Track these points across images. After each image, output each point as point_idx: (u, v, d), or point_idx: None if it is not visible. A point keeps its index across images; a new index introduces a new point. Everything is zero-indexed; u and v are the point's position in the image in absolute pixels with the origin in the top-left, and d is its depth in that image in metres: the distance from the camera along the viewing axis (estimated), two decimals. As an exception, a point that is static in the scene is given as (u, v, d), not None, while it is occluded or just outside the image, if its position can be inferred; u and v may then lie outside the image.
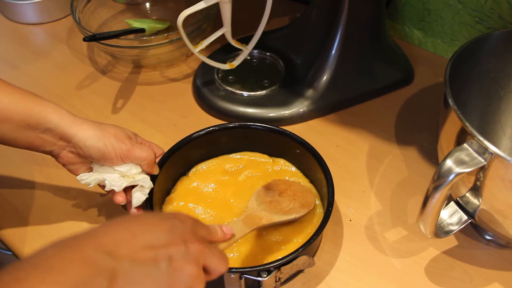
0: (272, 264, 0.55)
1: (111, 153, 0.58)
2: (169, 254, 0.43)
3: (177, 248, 0.43)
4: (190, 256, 0.44)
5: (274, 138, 0.69)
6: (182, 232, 0.45)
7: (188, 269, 0.43)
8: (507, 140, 0.70)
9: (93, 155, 0.58)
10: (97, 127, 0.59)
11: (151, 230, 0.44)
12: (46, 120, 0.56)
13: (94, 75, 0.88)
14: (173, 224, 0.45)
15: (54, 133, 0.57)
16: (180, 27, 0.70)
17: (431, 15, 0.86)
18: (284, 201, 0.63)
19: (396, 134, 0.77)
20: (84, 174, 0.60)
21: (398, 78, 0.84)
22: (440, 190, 0.50)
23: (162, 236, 0.44)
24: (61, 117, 0.57)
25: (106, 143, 0.58)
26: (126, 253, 0.41)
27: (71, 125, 0.57)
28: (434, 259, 0.62)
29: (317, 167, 0.65)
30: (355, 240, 0.64)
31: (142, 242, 0.42)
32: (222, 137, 0.69)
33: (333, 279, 0.61)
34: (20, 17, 0.99)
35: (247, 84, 0.81)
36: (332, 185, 0.62)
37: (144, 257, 0.41)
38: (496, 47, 0.64)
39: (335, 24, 0.76)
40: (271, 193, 0.64)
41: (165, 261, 0.42)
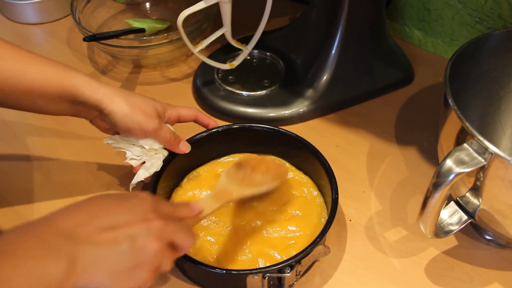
0: (294, 259, 0.55)
1: (136, 130, 0.60)
2: (130, 233, 0.43)
3: (138, 227, 0.43)
4: (152, 233, 0.43)
5: (261, 135, 0.69)
6: (143, 210, 0.45)
7: (151, 246, 0.43)
8: (507, 140, 0.70)
9: (121, 129, 0.61)
10: (127, 101, 0.60)
11: (110, 210, 0.44)
12: (78, 94, 0.58)
13: (94, 75, 0.88)
14: (133, 203, 0.45)
15: (87, 106, 0.59)
16: (180, 27, 0.70)
17: (431, 15, 0.86)
18: (257, 176, 0.63)
19: (396, 134, 0.77)
20: (111, 138, 0.63)
21: (398, 78, 0.84)
22: (440, 190, 0.50)
23: (122, 216, 0.44)
24: (93, 90, 0.58)
25: (134, 120, 0.59)
26: (85, 235, 0.41)
27: (103, 99, 0.58)
28: (434, 259, 0.62)
29: (311, 157, 0.65)
30: (355, 240, 0.64)
31: (101, 223, 0.42)
32: (209, 143, 0.69)
33: (333, 279, 0.61)
34: (20, 17, 0.99)
35: (247, 84, 0.81)
36: (332, 171, 0.62)
37: (104, 238, 0.42)
38: (496, 47, 0.64)
39: (335, 24, 0.76)
40: (243, 169, 0.63)
41: (126, 241, 0.42)
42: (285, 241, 0.61)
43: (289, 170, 0.69)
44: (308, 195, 0.66)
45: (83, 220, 0.42)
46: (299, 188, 0.67)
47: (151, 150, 0.63)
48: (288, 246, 0.61)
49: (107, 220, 0.43)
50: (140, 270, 0.43)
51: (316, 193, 0.66)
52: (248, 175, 0.62)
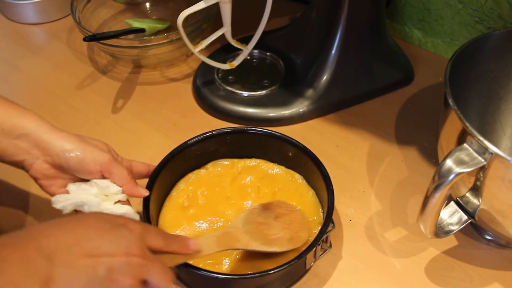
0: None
1: (90, 163, 0.54)
2: (109, 264, 0.42)
3: (118, 259, 0.43)
4: (130, 269, 0.43)
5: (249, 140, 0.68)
6: (127, 243, 0.44)
7: (125, 282, 0.42)
8: (507, 140, 0.70)
9: (71, 164, 0.54)
10: (76, 135, 0.56)
11: (96, 237, 0.43)
12: (23, 126, 0.53)
13: (94, 75, 0.88)
14: (120, 233, 0.44)
15: (29, 139, 0.54)
16: (180, 27, 0.70)
17: (431, 15, 0.86)
18: (276, 227, 0.59)
19: (396, 134, 0.77)
20: (60, 196, 0.55)
21: (398, 78, 0.84)
22: (440, 190, 0.50)
23: (106, 245, 0.43)
24: (39, 124, 0.54)
25: (86, 150, 0.54)
26: (65, 258, 0.41)
27: (49, 132, 0.54)
28: (434, 259, 0.62)
29: (314, 168, 0.64)
30: (355, 240, 0.64)
31: (84, 249, 0.42)
32: (209, 145, 0.67)
33: (333, 279, 0.61)
34: (20, 17, 0.99)
35: (247, 84, 0.81)
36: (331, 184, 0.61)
37: (83, 265, 0.41)
38: (496, 47, 0.64)
39: (335, 24, 0.76)
40: (267, 213, 0.59)
41: (104, 271, 0.42)
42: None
43: (290, 174, 0.67)
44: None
45: (67, 243, 0.42)
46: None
47: (109, 197, 0.56)
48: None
49: (90, 247, 0.42)
50: None
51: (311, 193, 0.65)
52: (268, 222, 0.58)
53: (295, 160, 0.67)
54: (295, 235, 0.59)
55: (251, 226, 0.58)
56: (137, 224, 0.46)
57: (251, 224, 0.58)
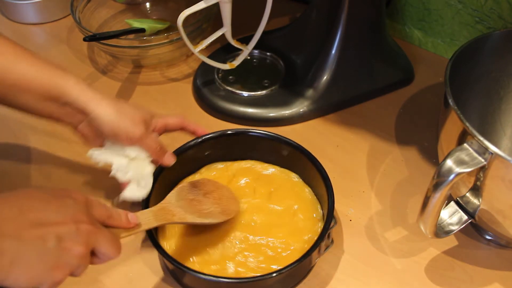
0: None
1: (123, 136, 0.59)
2: (58, 233, 0.42)
3: (67, 227, 0.42)
4: (80, 236, 0.43)
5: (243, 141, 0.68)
6: (74, 211, 0.44)
7: (76, 250, 0.42)
8: (507, 140, 0.70)
9: (107, 134, 0.59)
10: (115, 106, 0.59)
11: (40, 207, 0.43)
12: (66, 94, 0.57)
13: (94, 75, 0.88)
14: (65, 202, 0.44)
15: (73, 107, 0.58)
16: (180, 27, 0.70)
17: (431, 15, 0.86)
18: (206, 203, 0.61)
19: (396, 134, 0.77)
20: (96, 150, 0.61)
21: (398, 78, 0.84)
22: (440, 190, 0.50)
23: (52, 214, 0.43)
24: (81, 92, 0.57)
25: (121, 125, 0.58)
26: (11, 230, 0.40)
27: (90, 101, 0.57)
28: (434, 259, 0.62)
29: (310, 165, 0.64)
30: (355, 240, 0.64)
31: (30, 219, 0.41)
32: (206, 148, 0.67)
33: (333, 279, 0.61)
34: (20, 17, 0.99)
35: (247, 84, 0.81)
36: (330, 185, 0.61)
37: (31, 235, 0.41)
38: (496, 47, 0.64)
39: (335, 24, 0.76)
40: (196, 191, 0.61)
41: (53, 240, 0.41)
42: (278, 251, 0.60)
43: (286, 174, 0.67)
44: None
45: (12, 214, 0.41)
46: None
47: (137, 161, 0.61)
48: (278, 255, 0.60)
49: (36, 217, 0.42)
50: (58, 271, 0.42)
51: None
52: (198, 199, 0.60)
53: (290, 159, 0.67)
54: (225, 208, 0.62)
55: (183, 202, 0.59)
56: (80, 195, 0.46)
57: (183, 200, 0.59)
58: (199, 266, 0.58)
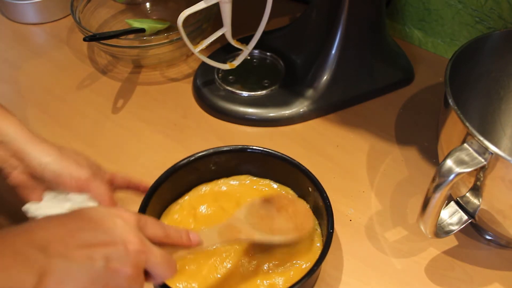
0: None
1: (66, 178, 0.53)
2: (107, 254, 0.41)
3: (115, 248, 0.41)
4: (128, 257, 0.42)
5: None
6: (123, 232, 0.43)
7: (124, 271, 0.41)
8: (507, 140, 0.70)
9: (47, 177, 0.53)
10: (56, 148, 0.54)
11: (89, 228, 0.42)
12: (3, 132, 0.53)
13: (94, 75, 0.88)
14: (115, 223, 0.43)
15: (7, 148, 0.53)
16: (180, 27, 0.70)
17: (431, 15, 0.86)
18: (279, 219, 0.56)
19: (396, 134, 0.77)
20: (32, 204, 0.54)
21: (398, 78, 0.84)
22: (440, 190, 0.50)
23: (101, 235, 0.42)
24: (19, 132, 0.53)
25: (63, 166, 0.53)
26: (60, 250, 0.40)
27: (28, 142, 0.53)
28: (434, 259, 0.62)
29: (307, 181, 0.61)
30: (355, 240, 0.64)
31: (79, 239, 0.41)
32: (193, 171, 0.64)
33: (333, 279, 0.61)
34: (20, 17, 0.99)
35: (247, 84, 0.81)
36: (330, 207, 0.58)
37: (79, 256, 0.40)
38: (496, 47, 0.64)
39: (335, 24, 0.76)
40: (268, 206, 0.57)
41: (101, 261, 0.40)
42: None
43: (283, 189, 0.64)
44: None
45: (61, 234, 0.41)
46: None
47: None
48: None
49: (85, 237, 0.41)
50: None
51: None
52: (271, 215, 0.56)
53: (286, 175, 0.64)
54: (299, 225, 0.57)
55: (253, 218, 0.55)
56: (132, 214, 0.45)
57: (253, 216, 0.55)
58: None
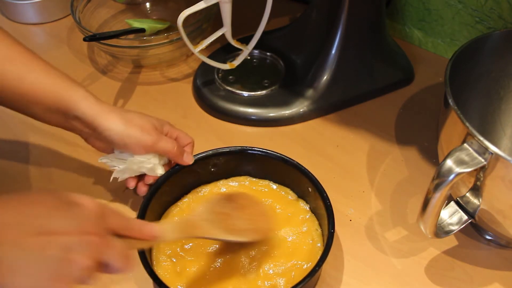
0: None
1: (133, 145, 0.59)
2: (62, 243, 0.39)
3: (72, 238, 0.40)
4: (86, 248, 0.40)
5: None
6: (82, 221, 0.41)
7: (80, 261, 0.40)
8: (507, 140, 0.70)
9: (117, 145, 0.59)
10: (123, 117, 0.59)
11: (46, 214, 0.40)
12: (75, 108, 0.57)
13: (94, 75, 0.88)
14: (74, 211, 0.42)
15: (81, 121, 0.58)
16: (180, 27, 0.70)
17: (431, 15, 0.86)
18: (238, 218, 0.57)
19: (396, 134, 0.77)
20: (105, 157, 0.62)
21: (398, 78, 0.84)
22: (440, 190, 0.50)
23: (58, 222, 0.40)
24: (88, 106, 0.58)
25: (130, 135, 0.58)
26: (12, 237, 0.38)
27: (97, 115, 0.58)
28: (434, 259, 0.62)
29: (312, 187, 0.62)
30: (355, 240, 0.64)
31: (33, 226, 0.39)
32: (213, 162, 0.65)
33: (333, 279, 0.61)
34: (20, 17, 0.99)
35: (247, 84, 0.81)
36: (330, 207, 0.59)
37: (32, 244, 0.38)
38: (496, 47, 0.64)
39: (335, 24, 0.76)
40: (230, 204, 0.57)
41: (55, 250, 0.39)
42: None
43: (284, 190, 0.65)
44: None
45: (15, 220, 0.39)
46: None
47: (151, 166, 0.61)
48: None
49: (41, 224, 0.39)
50: (60, 282, 0.39)
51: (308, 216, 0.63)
52: (232, 213, 0.57)
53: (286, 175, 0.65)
54: (258, 226, 0.58)
55: (212, 215, 0.56)
56: (92, 203, 0.43)
57: (213, 213, 0.56)
58: None
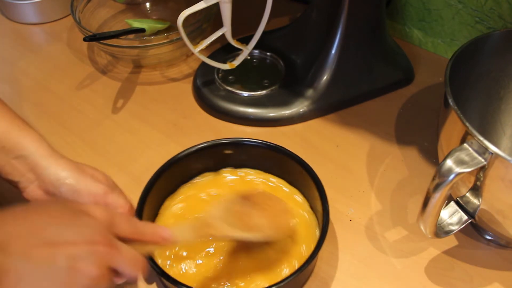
0: None
1: (83, 193, 0.53)
2: (71, 253, 0.39)
3: (80, 249, 0.40)
4: (94, 257, 0.40)
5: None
6: (91, 231, 0.41)
7: (88, 271, 0.40)
8: (507, 140, 0.70)
9: (64, 193, 0.53)
10: (74, 164, 0.54)
11: (54, 224, 0.40)
12: (22, 146, 0.53)
13: (94, 75, 0.88)
14: (82, 220, 0.42)
15: (26, 162, 0.53)
16: (180, 27, 0.70)
17: (431, 15, 0.86)
18: (255, 216, 0.55)
19: (396, 134, 0.77)
20: None
21: (398, 78, 0.84)
22: (440, 190, 0.50)
23: (66, 232, 0.40)
24: (39, 147, 0.53)
25: (80, 180, 0.53)
26: (20, 248, 0.38)
27: (47, 157, 0.53)
28: (434, 259, 0.62)
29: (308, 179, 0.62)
30: (355, 240, 0.64)
31: (42, 237, 0.39)
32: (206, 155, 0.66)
33: (333, 279, 0.61)
34: (20, 17, 0.99)
35: (247, 84, 0.81)
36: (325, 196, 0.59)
37: (40, 255, 0.38)
38: (496, 47, 0.64)
39: (335, 24, 0.76)
40: (245, 203, 0.56)
41: (63, 261, 0.39)
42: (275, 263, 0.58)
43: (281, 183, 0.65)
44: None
45: (21, 232, 0.39)
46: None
47: None
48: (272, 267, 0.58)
49: (49, 235, 0.39)
50: None
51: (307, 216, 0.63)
52: (247, 211, 0.55)
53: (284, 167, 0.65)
54: (276, 222, 0.56)
55: (229, 214, 0.54)
56: (101, 211, 0.43)
57: (229, 212, 0.54)
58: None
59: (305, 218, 0.63)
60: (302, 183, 0.65)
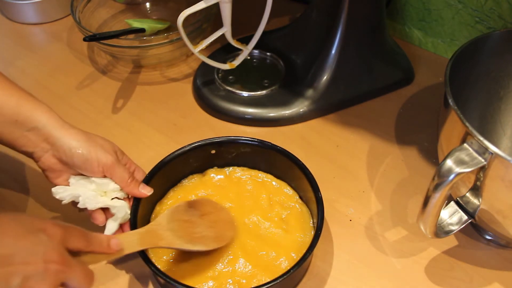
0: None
1: (93, 162, 0.56)
2: (24, 273, 0.40)
3: (34, 268, 0.41)
4: (47, 275, 0.41)
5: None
6: (46, 250, 0.42)
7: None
8: (507, 140, 0.70)
9: (76, 162, 0.56)
10: (85, 134, 0.57)
11: (10, 243, 0.41)
12: (35, 119, 0.55)
13: (94, 75, 0.88)
14: (38, 238, 0.42)
15: (39, 133, 0.56)
16: (180, 27, 0.70)
17: (431, 15, 0.86)
18: (201, 225, 0.58)
19: (396, 134, 0.77)
20: (59, 187, 0.58)
21: (398, 78, 0.84)
22: (440, 190, 0.50)
23: (21, 252, 0.41)
24: (50, 119, 0.56)
25: (91, 150, 0.56)
26: None
27: (59, 128, 0.56)
28: (434, 259, 0.62)
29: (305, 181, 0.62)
30: (355, 240, 0.64)
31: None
32: (195, 156, 0.66)
33: (333, 279, 0.61)
34: (20, 17, 0.99)
35: (247, 84, 0.81)
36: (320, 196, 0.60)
37: None
38: (496, 47, 0.64)
39: (335, 24, 0.76)
40: (192, 211, 0.59)
41: (17, 281, 0.40)
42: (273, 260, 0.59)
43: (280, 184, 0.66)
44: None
45: None
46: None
47: (107, 194, 0.58)
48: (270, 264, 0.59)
49: (2, 255, 0.40)
50: None
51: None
52: (193, 220, 0.58)
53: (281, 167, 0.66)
54: (220, 233, 0.59)
55: (175, 223, 0.57)
56: (56, 228, 0.44)
57: (176, 221, 0.57)
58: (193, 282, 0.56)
59: (296, 209, 0.63)
60: (291, 175, 0.65)
